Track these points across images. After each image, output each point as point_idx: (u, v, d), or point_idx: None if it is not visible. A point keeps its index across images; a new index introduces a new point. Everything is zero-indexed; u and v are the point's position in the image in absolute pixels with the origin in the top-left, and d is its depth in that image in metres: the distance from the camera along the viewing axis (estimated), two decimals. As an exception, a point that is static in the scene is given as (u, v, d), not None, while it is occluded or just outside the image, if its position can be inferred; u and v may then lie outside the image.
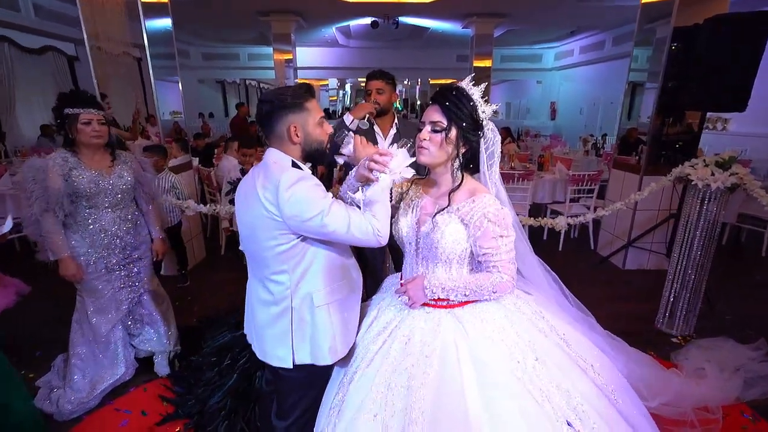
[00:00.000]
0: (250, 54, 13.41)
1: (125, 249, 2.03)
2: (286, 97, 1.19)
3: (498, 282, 1.18)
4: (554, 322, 1.33)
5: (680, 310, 2.64)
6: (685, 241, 2.56)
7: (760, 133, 6.76)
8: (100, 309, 2.01)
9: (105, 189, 1.90)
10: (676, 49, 3.26)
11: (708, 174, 2.37)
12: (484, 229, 1.16)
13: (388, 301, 1.36)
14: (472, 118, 1.19)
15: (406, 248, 1.32)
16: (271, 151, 1.25)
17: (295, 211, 1.13)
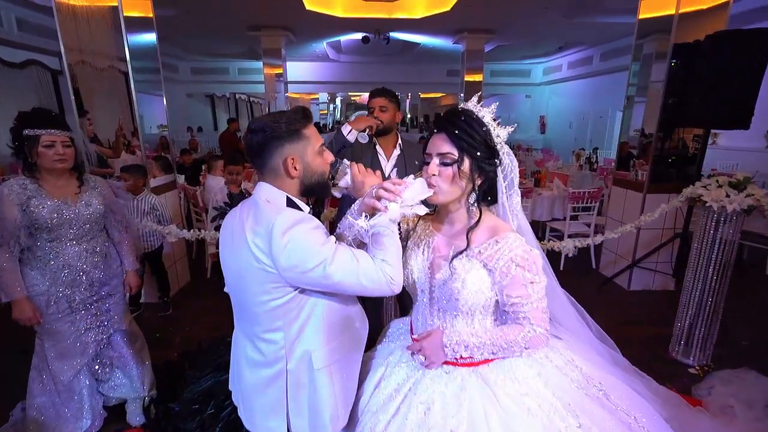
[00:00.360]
0: (239, 68, 13.31)
1: (93, 285, 1.80)
2: (280, 124, 1.02)
3: (531, 336, 1.00)
4: (589, 369, 1.15)
5: (697, 338, 2.50)
6: (700, 265, 2.42)
7: (750, 147, 6.80)
8: (62, 354, 1.78)
9: (69, 219, 1.69)
10: (676, 65, 3.20)
11: (722, 195, 2.26)
12: (512, 276, 0.99)
13: (397, 356, 1.17)
14: (487, 144, 1.02)
15: (418, 296, 1.14)
16: (263, 187, 1.07)
17: (294, 262, 0.94)
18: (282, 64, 8.90)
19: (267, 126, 1.02)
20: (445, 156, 1.02)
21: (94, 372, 1.93)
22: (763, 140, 6.66)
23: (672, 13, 3.16)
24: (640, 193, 3.46)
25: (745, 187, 2.24)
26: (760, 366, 2.39)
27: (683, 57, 3.15)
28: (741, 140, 7.06)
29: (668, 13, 3.22)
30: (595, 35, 9.22)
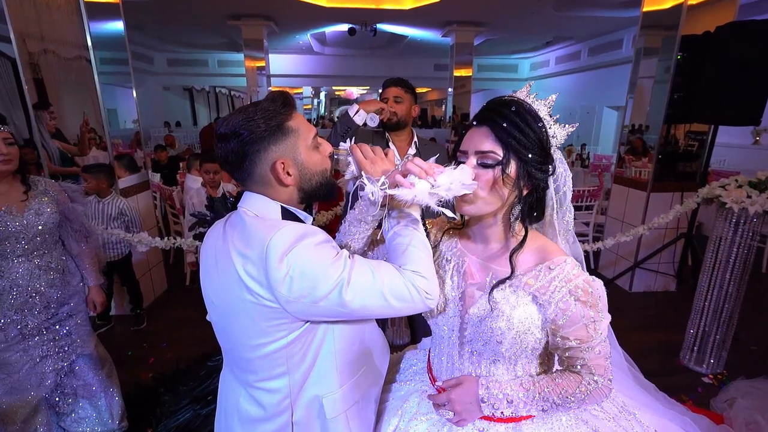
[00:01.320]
0: (219, 60, 12.82)
1: (49, 307, 1.54)
2: (257, 122, 0.78)
3: (592, 389, 0.81)
4: (642, 415, 0.97)
5: (711, 346, 2.38)
6: (717, 269, 2.30)
7: (737, 143, 6.83)
8: (13, 389, 1.51)
9: (16, 232, 1.42)
10: (683, 58, 3.07)
11: (743, 196, 2.12)
12: (571, 313, 0.78)
13: (414, 405, 0.95)
14: (541, 145, 0.79)
15: (444, 334, 0.91)
16: (250, 198, 0.84)
17: (300, 292, 0.73)
18: (264, 56, 8.54)
19: (240, 127, 0.78)
20: (486, 155, 0.79)
21: (54, 404, 1.66)
22: (749, 137, 6.70)
23: (680, 1, 3.01)
24: (644, 191, 3.34)
25: (767, 187, 2.11)
26: (771, 372, 2.29)
27: (691, 50, 3.02)
28: (728, 136, 7.09)
29: (675, 3, 3.09)
30: (583, 30, 9.16)
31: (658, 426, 0.95)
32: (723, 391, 2.16)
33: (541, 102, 0.83)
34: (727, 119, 2.87)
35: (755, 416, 1.89)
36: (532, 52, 12.62)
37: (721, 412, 2.02)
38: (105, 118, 3.18)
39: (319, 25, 9.24)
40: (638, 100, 3.60)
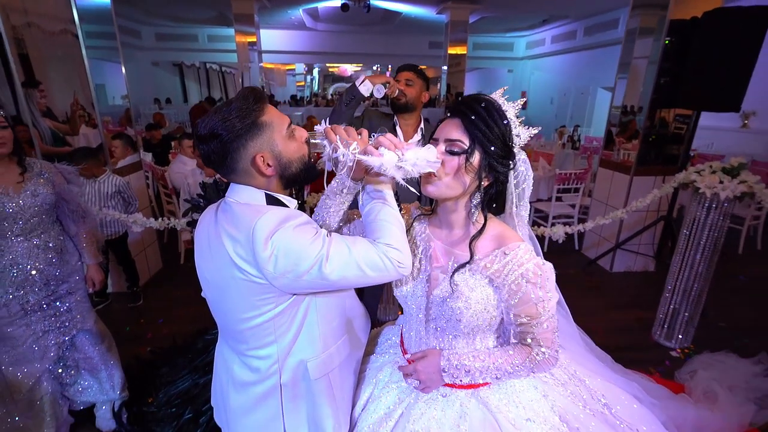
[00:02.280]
0: (209, 35, 12.48)
1: (48, 284, 1.61)
2: (233, 122, 0.84)
3: (540, 360, 0.91)
4: (591, 381, 1.09)
5: (680, 322, 2.52)
6: (688, 250, 2.42)
7: (725, 126, 6.92)
8: (18, 360, 1.60)
9: (14, 213, 1.47)
10: (671, 43, 3.10)
11: (716, 181, 2.22)
12: (522, 294, 0.87)
13: (387, 375, 1.06)
14: (504, 141, 0.88)
15: (412, 312, 1.01)
16: (235, 189, 0.91)
17: (284, 268, 0.81)
18: (255, 32, 8.35)
19: (218, 128, 0.84)
20: (453, 143, 0.87)
21: (58, 376, 1.75)
22: (738, 119, 6.77)
23: None
24: (627, 175, 3.43)
25: (739, 174, 2.20)
26: (737, 347, 2.44)
27: (679, 34, 3.05)
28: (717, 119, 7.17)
29: None
30: (580, 8, 9.04)
31: (606, 390, 1.06)
32: (687, 364, 2.32)
33: (510, 104, 0.90)
34: (709, 105, 2.94)
35: (713, 385, 2.05)
36: (528, 30, 12.44)
37: (684, 383, 2.18)
38: (94, 95, 3.17)
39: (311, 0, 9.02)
40: (631, 81, 3.63)
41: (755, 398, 2.06)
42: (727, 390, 2.03)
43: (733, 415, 1.88)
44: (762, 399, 2.07)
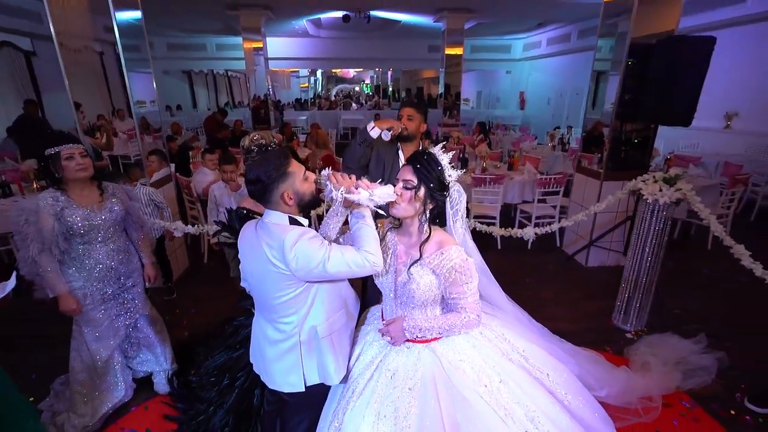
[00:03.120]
0: (217, 44, 13.01)
1: (119, 279, 2.10)
2: (271, 172, 1.32)
3: (467, 321, 1.38)
4: (515, 341, 1.54)
5: (633, 308, 2.96)
6: (638, 247, 2.85)
7: (711, 127, 7.27)
8: (98, 337, 2.09)
9: (98, 224, 1.95)
10: (632, 65, 3.52)
11: (657, 189, 2.65)
12: (453, 279, 1.34)
13: (372, 336, 1.54)
14: (439, 180, 1.37)
15: (385, 293, 1.50)
16: (269, 213, 1.39)
17: (301, 264, 1.28)
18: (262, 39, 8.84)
19: (262, 175, 1.33)
20: (407, 182, 1.38)
21: (125, 350, 2.26)
22: (722, 121, 7.12)
23: None
24: (598, 180, 3.86)
25: (676, 182, 2.63)
26: (686, 331, 2.87)
27: (638, 56, 3.47)
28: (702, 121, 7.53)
29: None
30: (572, 13, 9.39)
31: (526, 347, 1.51)
32: (636, 343, 2.76)
33: (446, 155, 1.39)
34: (664, 120, 3.37)
35: (649, 357, 2.49)
36: (524, 33, 12.80)
37: (629, 357, 2.62)
38: (134, 111, 3.60)
39: (315, 12, 9.48)
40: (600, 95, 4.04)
41: (687, 370, 2.50)
42: (661, 362, 2.47)
43: (661, 381, 2.33)
44: (694, 371, 2.51)
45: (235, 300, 3.24)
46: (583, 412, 1.50)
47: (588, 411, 1.53)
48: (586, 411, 1.52)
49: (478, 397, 1.33)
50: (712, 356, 2.57)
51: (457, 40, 9.39)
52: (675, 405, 2.28)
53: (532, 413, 1.35)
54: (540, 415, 1.35)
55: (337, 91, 24.12)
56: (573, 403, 1.49)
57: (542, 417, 1.35)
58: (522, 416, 1.34)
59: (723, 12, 6.71)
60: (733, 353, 2.66)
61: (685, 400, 2.33)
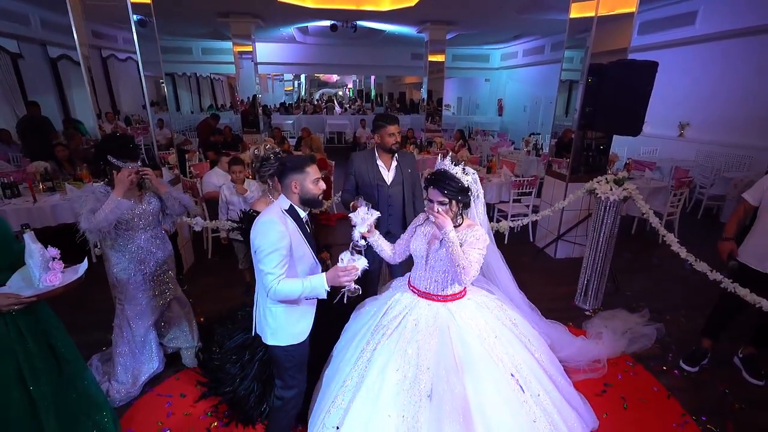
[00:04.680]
0: (203, 48, 13.18)
1: (157, 263, 2.44)
2: (294, 162, 1.71)
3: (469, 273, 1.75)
4: (509, 311, 2.03)
5: (591, 290, 3.48)
6: (593, 238, 3.37)
7: (667, 135, 8.02)
8: (138, 315, 2.42)
9: (140, 214, 2.29)
10: (592, 81, 4.07)
11: (608, 189, 3.17)
12: (468, 242, 1.78)
13: (399, 296, 1.98)
14: (461, 189, 1.77)
15: (418, 260, 1.93)
16: (281, 197, 1.74)
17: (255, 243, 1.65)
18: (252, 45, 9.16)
19: (288, 162, 1.71)
20: (441, 203, 1.76)
21: (159, 327, 2.59)
22: (677, 129, 7.87)
23: (592, 15, 3.92)
24: (564, 182, 4.40)
25: (623, 184, 3.16)
26: (635, 308, 3.41)
27: (596, 75, 4.02)
28: (659, 128, 8.29)
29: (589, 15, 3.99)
30: (545, 27, 10.08)
31: (517, 319, 2.00)
32: (593, 318, 3.27)
33: (458, 167, 1.78)
34: (617, 129, 3.92)
35: (601, 328, 3.00)
36: (502, 43, 13.49)
37: (585, 329, 3.13)
38: (150, 113, 3.91)
39: (303, 21, 9.84)
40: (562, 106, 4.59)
41: (632, 338, 3.02)
42: (611, 332, 2.98)
43: (610, 347, 2.83)
44: (638, 338, 3.03)
45: (239, 289, 3.63)
46: (550, 368, 2.00)
47: (554, 368, 2.04)
48: (552, 368, 2.02)
49: (478, 345, 1.78)
50: (652, 326, 3.11)
51: (439, 48, 9.93)
52: (620, 364, 2.78)
53: (515, 363, 1.82)
54: (521, 364, 1.84)
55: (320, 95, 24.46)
56: (545, 362, 1.99)
57: (523, 366, 1.84)
58: (509, 363, 1.80)
59: (676, 32, 7.46)
60: (670, 325, 3.21)
61: (629, 360, 2.84)
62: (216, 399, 2.43)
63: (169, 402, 2.41)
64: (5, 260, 1.72)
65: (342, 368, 1.89)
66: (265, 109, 14.00)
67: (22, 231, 1.69)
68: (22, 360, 1.70)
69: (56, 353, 1.86)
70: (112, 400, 2.34)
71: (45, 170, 4.49)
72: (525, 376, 1.80)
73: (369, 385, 1.75)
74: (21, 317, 1.71)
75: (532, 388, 1.80)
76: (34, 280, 1.66)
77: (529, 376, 1.82)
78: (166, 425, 2.26)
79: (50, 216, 4.06)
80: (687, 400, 2.50)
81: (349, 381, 1.81)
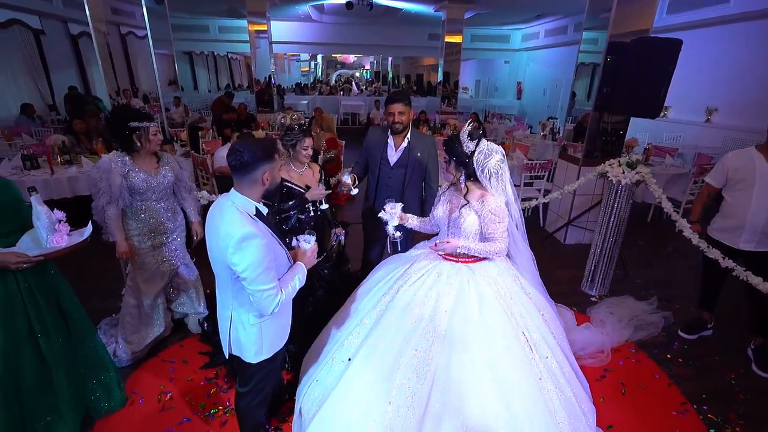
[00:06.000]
0: (220, 26, 13.15)
1: (166, 232, 2.48)
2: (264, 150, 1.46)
3: (498, 249, 1.87)
4: (525, 284, 2.03)
5: (599, 276, 3.41)
6: (603, 222, 3.28)
7: (693, 121, 7.68)
8: (148, 279, 2.49)
9: (154, 186, 2.33)
10: (611, 60, 3.89)
11: (620, 172, 3.07)
12: (489, 219, 1.83)
13: (424, 254, 2.11)
14: (462, 153, 1.83)
15: (441, 226, 2.02)
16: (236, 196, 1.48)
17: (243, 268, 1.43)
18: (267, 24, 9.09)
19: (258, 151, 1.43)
20: (444, 159, 1.93)
21: (167, 293, 2.68)
22: (704, 115, 7.51)
23: None
24: (577, 166, 4.27)
25: (636, 167, 3.05)
26: (643, 296, 3.33)
27: (615, 53, 3.84)
28: (684, 114, 7.94)
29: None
30: (569, 6, 9.66)
31: (533, 292, 2.00)
32: (597, 304, 3.21)
33: (466, 131, 1.81)
34: (634, 111, 3.76)
35: (605, 315, 2.95)
36: (523, 23, 13.03)
37: (590, 315, 3.08)
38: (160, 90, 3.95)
39: (319, -2, 9.68)
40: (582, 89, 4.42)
41: (638, 325, 2.96)
42: (616, 319, 2.93)
43: (614, 335, 2.78)
44: (644, 326, 2.96)
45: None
46: (560, 340, 2.02)
47: (564, 342, 2.06)
48: (563, 341, 2.05)
49: (494, 300, 1.85)
50: (660, 315, 3.04)
51: (456, 29, 9.66)
52: (622, 350, 2.74)
53: (527, 325, 1.85)
54: (532, 327, 1.87)
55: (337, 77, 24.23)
56: (555, 332, 2.00)
57: (534, 329, 1.87)
58: (521, 323, 1.84)
59: (708, 11, 7.05)
60: (680, 314, 3.13)
61: (632, 347, 2.79)
62: (217, 367, 2.50)
63: (172, 367, 2.49)
64: (15, 222, 1.78)
65: (359, 310, 2.05)
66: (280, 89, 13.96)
67: (30, 194, 1.75)
68: (34, 317, 1.78)
69: (65, 313, 1.94)
70: (118, 360, 2.44)
71: (63, 143, 4.60)
72: (535, 339, 1.85)
73: (387, 323, 1.88)
74: (32, 277, 1.78)
75: (541, 350, 1.84)
76: (41, 241, 1.72)
77: (539, 340, 1.86)
78: (168, 389, 2.34)
79: (67, 188, 4.18)
80: (689, 388, 2.45)
81: (367, 320, 1.97)
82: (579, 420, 1.81)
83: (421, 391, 1.72)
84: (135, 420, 2.14)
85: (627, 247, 3.84)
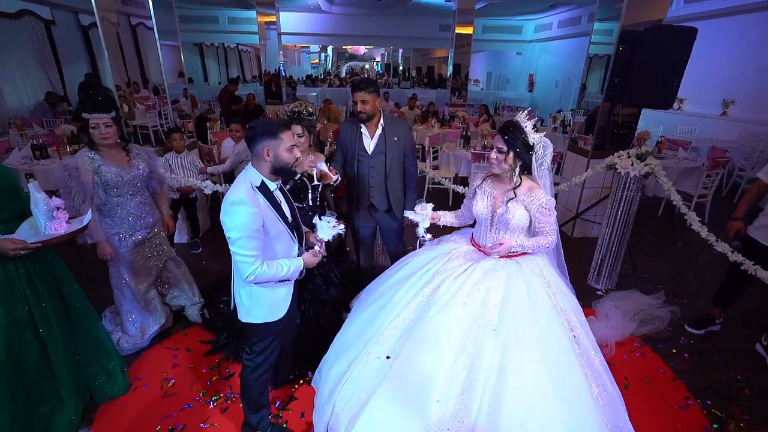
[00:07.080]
0: (229, 17, 13.13)
1: (147, 226, 2.44)
2: (267, 127, 1.55)
3: (549, 241, 1.85)
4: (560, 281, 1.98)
5: (605, 270, 3.35)
6: (611, 215, 3.22)
7: (708, 113, 7.47)
8: (135, 274, 2.47)
9: (128, 180, 2.25)
10: (623, 50, 3.79)
11: (629, 164, 3.00)
12: (539, 212, 1.80)
13: (463, 249, 2.04)
14: (524, 144, 1.75)
15: (482, 221, 1.95)
16: (249, 168, 1.60)
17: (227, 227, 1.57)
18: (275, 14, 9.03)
19: (259, 127, 1.55)
20: (499, 149, 1.79)
21: (159, 287, 2.70)
22: (720, 108, 7.31)
23: None
24: (586, 158, 4.19)
25: (645, 159, 2.97)
26: (650, 290, 3.27)
27: (628, 43, 3.73)
28: (699, 107, 7.74)
29: None
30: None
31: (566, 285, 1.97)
32: (603, 298, 3.16)
33: (530, 122, 1.75)
34: (646, 102, 3.66)
35: (610, 309, 2.90)
36: (536, 14, 12.77)
37: (595, 309, 3.03)
38: (165, 80, 3.96)
39: (327, -12, 9.58)
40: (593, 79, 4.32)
41: (644, 319, 2.91)
42: (621, 313, 2.88)
43: (618, 329, 2.74)
44: (649, 320, 2.92)
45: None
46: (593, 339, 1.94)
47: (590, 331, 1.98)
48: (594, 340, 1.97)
49: (543, 293, 1.81)
50: (666, 309, 2.98)
51: (467, 19, 9.48)
52: (627, 344, 2.70)
53: (571, 319, 1.81)
54: (576, 323, 1.82)
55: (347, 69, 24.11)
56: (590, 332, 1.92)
57: (577, 324, 1.82)
58: (562, 311, 1.80)
59: (726, 0, 6.82)
60: (687, 309, 3.07)
61: (637, 341, 2.74)
62: (219, 355, 2.53)
63: (175, 355, 2.53)
64: (15, 209, 1.80)
65: (394, 304, 1.94)
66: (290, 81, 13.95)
67: (28, 181, 1.76)
68: (33, 303, 1.80)
69: (65, 299, 1.97)
70: (122, 349, 2.47)
71: (72, 133, 4.66)
72: (578, 334, 1.82)
73: (430, 319, 1.78)
74: (31, 264, 1.80)
75: (584, 345, 1.81)
76: (40, 228, 1.74)
77: (582, 336, 1.82)
78: (171, 375, 2.37)
79: (76, 177, 4.24)
80: (694, 383, 2.40)
81: (405, 314, 1.88)
82: (621, 417, 1.76)
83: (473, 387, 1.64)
84: (137, 406, 2.17)
85: (636, 241, 3.76)
